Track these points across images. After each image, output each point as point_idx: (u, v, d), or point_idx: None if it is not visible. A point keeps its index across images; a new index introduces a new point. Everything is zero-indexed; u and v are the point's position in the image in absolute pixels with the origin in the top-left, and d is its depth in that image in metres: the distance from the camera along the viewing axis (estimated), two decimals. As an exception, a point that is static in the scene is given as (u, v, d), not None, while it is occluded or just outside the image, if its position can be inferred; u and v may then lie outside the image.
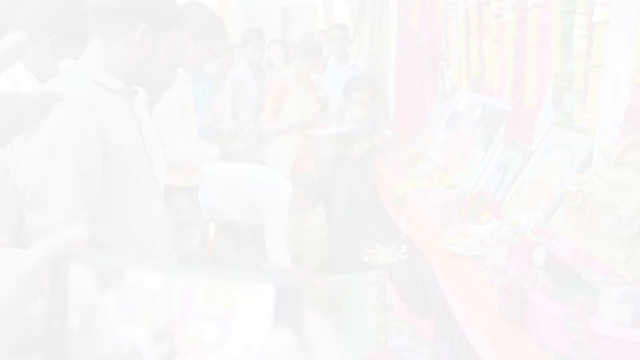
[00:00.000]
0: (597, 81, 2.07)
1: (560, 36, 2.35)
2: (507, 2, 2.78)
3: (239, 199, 3.17)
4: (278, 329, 0.37)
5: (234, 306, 0.38)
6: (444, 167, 3.41)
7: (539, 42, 2.59)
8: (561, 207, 2.09)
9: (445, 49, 3.85)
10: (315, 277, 3.27)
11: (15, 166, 1.24)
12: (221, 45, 3.68)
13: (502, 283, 1.60)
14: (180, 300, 0.39)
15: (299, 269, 3.68)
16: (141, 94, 1.92)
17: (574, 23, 2.20)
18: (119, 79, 1.36)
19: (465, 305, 2.01)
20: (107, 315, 0.40)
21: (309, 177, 3.58)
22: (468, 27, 3.36)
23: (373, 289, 3.78)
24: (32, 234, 1.23)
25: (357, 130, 4.06)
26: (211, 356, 0.39)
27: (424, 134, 4.13)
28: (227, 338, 0.39)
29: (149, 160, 1.42)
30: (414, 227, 2.90)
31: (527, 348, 1.55)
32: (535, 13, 2.57)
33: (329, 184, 4.22)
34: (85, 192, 1.24)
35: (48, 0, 1.42)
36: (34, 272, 0.40)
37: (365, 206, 4.10)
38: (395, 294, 3.54)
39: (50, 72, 1.33)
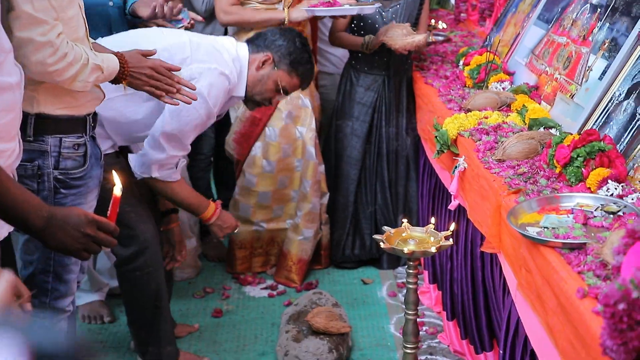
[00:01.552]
0: None
1: None
2: None
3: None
4: None
5: None
6: (533, 87, 3.18)
7: None
8: None
9: None
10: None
11: None
12: None
13: (608, 294, 1.43)
14: None
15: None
16: None
17: None
18: None
19: (548, 328, 1.91)
20: None
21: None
22: None
23: (394, 299, 3.63)
24: None
25: (386, 16, 3.74)
26: None
27: (503, 25, 3.94)
28: None
29: None
30: (470, 191, 2.69)
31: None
32: None
33: (332, 113, 3.99)
34: None
35: None
36: None
37: (391, 154, 3.83)
38: (438, 304, 3.46)
39: None
